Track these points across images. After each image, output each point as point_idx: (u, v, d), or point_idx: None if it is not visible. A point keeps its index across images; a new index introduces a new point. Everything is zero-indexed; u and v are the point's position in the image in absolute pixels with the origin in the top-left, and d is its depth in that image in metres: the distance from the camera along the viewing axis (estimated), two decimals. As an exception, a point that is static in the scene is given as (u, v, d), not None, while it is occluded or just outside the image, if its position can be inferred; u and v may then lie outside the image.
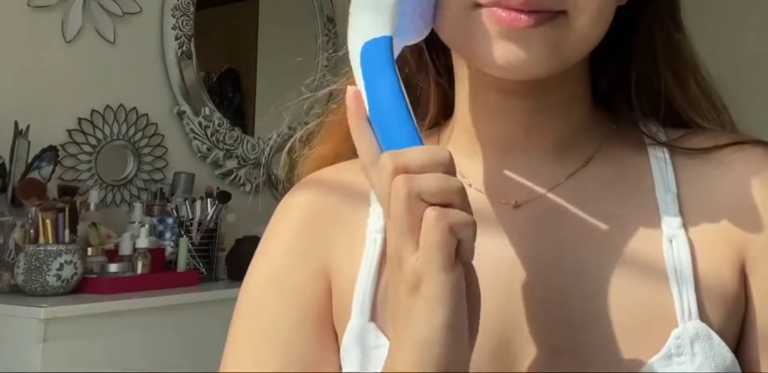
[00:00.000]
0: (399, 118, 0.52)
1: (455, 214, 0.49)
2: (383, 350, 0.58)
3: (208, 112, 2.70)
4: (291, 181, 0.74)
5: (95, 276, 2.04)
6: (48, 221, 1.96)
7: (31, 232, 1.96)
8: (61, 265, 1.93)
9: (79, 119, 2.35)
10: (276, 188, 2.74)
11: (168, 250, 2.29)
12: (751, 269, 0.60)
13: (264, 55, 3.13)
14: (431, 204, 0.49)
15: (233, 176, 2.76)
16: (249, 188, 2.79)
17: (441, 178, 0.49)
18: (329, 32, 3.07)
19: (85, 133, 2.35)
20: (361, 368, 0.61)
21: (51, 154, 2.15)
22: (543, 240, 0.62)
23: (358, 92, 0.54)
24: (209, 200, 2.40)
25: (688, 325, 0.57)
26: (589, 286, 0.60)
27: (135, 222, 2.27)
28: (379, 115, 0.52)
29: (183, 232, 2.33)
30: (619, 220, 0.62)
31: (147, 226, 2.21)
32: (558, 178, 0.64)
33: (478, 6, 0.57)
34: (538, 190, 0.64)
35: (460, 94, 0.67)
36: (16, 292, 1.97)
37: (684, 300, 0.58)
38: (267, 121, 2.92)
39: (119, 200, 2.42)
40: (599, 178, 0.64)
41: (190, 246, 2.31)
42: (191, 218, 2.35)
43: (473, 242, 0.50)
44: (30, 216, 1.98)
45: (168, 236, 2.33)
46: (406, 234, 0.49)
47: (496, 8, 0.56)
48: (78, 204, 2.06)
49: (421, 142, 0.51)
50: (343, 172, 0.70)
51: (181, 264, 2.26)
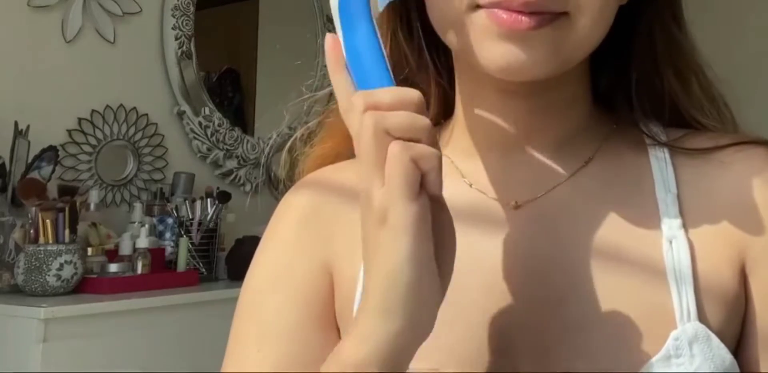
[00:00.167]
0: (372, 60, 0.54)
1: (419, 147, 0.50)
2: None
3: (208, 112, 2.70)
4: (291, 180, 0.74)
5: (95, 276, 2.04)
6: (48, 221, 1.96)
7: (31, 232, 1.96)
8: (61, 265, 1.93)
9: (79, 119, 2.35)
10: (276, 187, 2.74)
11: (168, 250, 2.29)
12: (752, 269, 0.60)
13: (264, 55, 3.13)
14: (397, 139, 0.50)
15: (233, 176, 2.76)
16: (249, 187, 2.79)
17: (408, 115, 0.50)
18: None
19: (85, 133, 2.35)
20: None
21: (51, 154, 2.15)
22: (543, 240, 0.62)
23: (336, 39, 0.56)
24: (209, 200, 2.40)
25: (687, 326, 0.57)
26: (589, 286, 0.59)
27: (135, 222, 2.27)
28: (354, 59, 0.54)
29: (183, 232, 2.33)
30: (619, 220, 0.62)
31: (147, 226, 2.21)
32: (558, 179, 0.64)
33: (478, 7, 0.57)
34: (538, 190, 0.64)
35: (460, 94, 0.67)
36: (16, 292, 1.97)
37: (683, 301, 0.58)
38: (267, 121, 2.92)
39: (119, 200, 2.42)
40: (599, 179, 0.64)
41: (190, 246, 2.31)
42: (191, 218, 2.35)
43: (439, 174, 0.51)
44: (30, 216, 1.98)
45: (168, 236, 2.33)
46: (373, 169, 0.50)
47: (496, 9, 0.56)
48: (78, 204, 2.06)
49: (393, 82, 0.53)
50: (344, 171, 0.70)
51: (181, 264, 2.26)
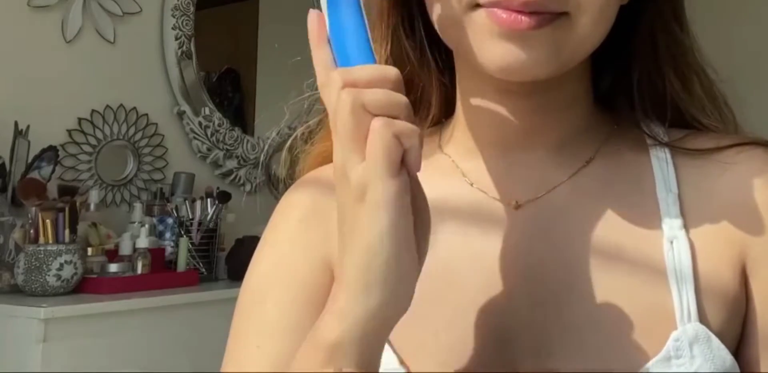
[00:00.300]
0: (355, 38, 0.53)
1: (401, 123, 0.50)
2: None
3: (208, 112, 2.70)
4: (292, 179, 0.74)
5: (95, 276, 2.04)
6: (48, 221, 1.96)
7: (31, 232, 1.96)
8: (61, 265, 1.93)
9: (79, 119, 2.35)
10: (276, 187, 2.74)
11: (168, 250, 2.29)
12: (752, 270, 0.60)
13: (264, 55, 3.13)
14: (376, 116, 0.49)
15: (233, 176, 2.76)
16: (249, 187, 2.79)
17: (386, 92, 0.50)
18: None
19: (85, 133, 2.35)
20: None
21: (51, 154, 2.15)
22: (543, 240, 0.62)
23: (321, 15, 0.55)
24: (209, 200, 2.40)
25: (687, 327, 0.57)
26: (589, 286, 0.59)
27: (135, 222, 2.27)
28: (337, 35, 0.54)
29: (183, 232, 2.33)
30: (620, 220, 0.62)
31: (147, 226, 2.21)
32: (559, 179, 0.64)
33: (477, 6, 0.57)
34: (539, 190, 0.63)
35: (461, 93, 0.67)
36: (16, 292, 1.97)
37: (684, 302, 0.58)
38: (267, 121, 2.92)
39: (119, 200, 2.42)
40: (600, 179, 0.64)
41: (190, 246, 2.31)
42: (191, 218, 2.35)
43: (419, 151, 0.50)
44: (30, 216, 1.98)
45: (168, 236, 2.33)
46: (351, 145, 0.50)
47: (496, 9, 0.56)
48: (78, 204, 2.06)
49: (375, 60, 0.52)
50: None
51: (181, 264, 2.26)
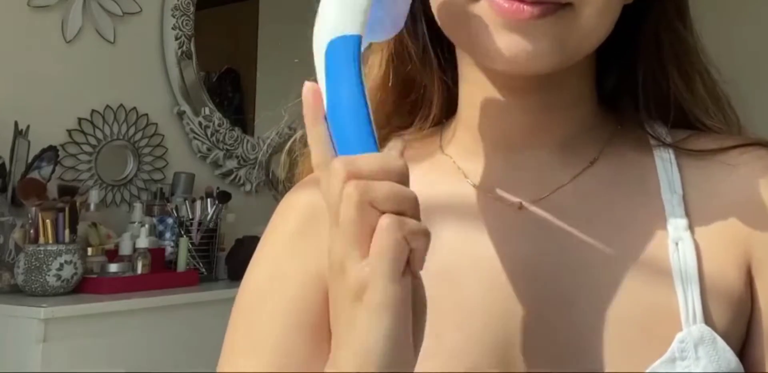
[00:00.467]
0: (356, 121, 0.50)
1: (411, 223, 0.47)
2: None
3: (208, 112, 2.70)
4: (291, 181, 0.73)
5: (95, 276, 2.04)
6: (48, 221, 1.96)
7: (31, 232, 1.96)
8: (61, 265, 1.93)
9: (79, 119, 2.35)
10: (276, 188, 2.74)
11: (168, 250, 2.29)
12: (757, 270, 0.60)
13: (264, 55, 3.13)
14: (383, 211, 0.47)
15: (233, 176, 2.76)
16: (249, 187, 2.79)
17: (394, 186, 0.48)
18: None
19: (85, 133, 2.35)
20: None
21: (51, 154, 2.14)
22: (547, 241, 0.61)
23: (317, 88, 0.53)
24: (209, 200, 2.40)
25: (692, 329, 0.57)
26: (593, 288, 0.59)
27: (135, 222, 2.27)
28: (337, 117, 0.51)
29: (183, 232, 2.33)
30: (624, 222, 0.61)
31: (147, 226, 2.21)
32: (563, 180, 0.63)
33: None
34: (542, 191, 0.63)
35: (464, 92, 0.66)
36: (16, 292, 1.97)
37: (689, 303, 0.58)
38: (267, 121, 2.91)
39: (119, 200, 2.42)
40: (604, 180, 0.63)
41: (190, 246, 2.31)
42: (191, 218, 2.35)
43: (425, 252, 0.48)
44: (30, 216, 1.98)
45: (168, 236, 2.33)
46: (353, 241, 0.47)
47: None
48: (78, 204, 2.06)
49: (377, 148, 0.50)
50: None
51: (181, 264, 2.26)
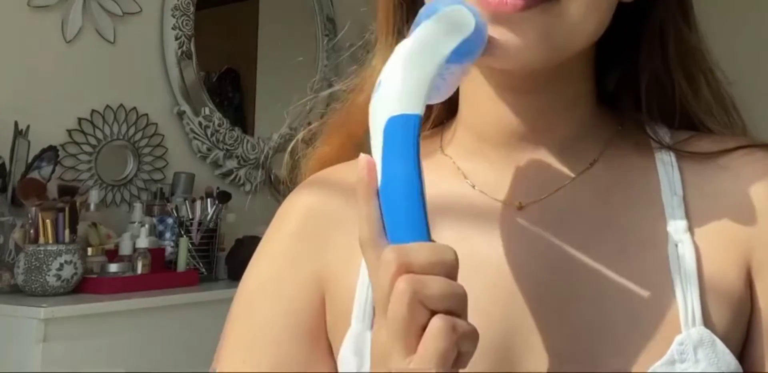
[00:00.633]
0: (410, 206, 0.49)
1: (464, 326, 0.47)
2: None
3: (208, 112, 2.69)
4: (293, 182, 0.73)
5: (95, 276, 2.04)
6: (48, 221, 1.95)
7: (31, 232, 1.96)
8: (61, 265, 1.93)
9: (79, 119, 2.34)
10: (276, 188, 2.74)
11: (168, 250, 2.29)
12: (757, 272, 0.60)
13: (264, 55, 3.13)
14: (434, 310, 0.47)
15: (233, 176, 2.76)
16: (249, 187, 2.79)
17: (446, 283, 0.47)
18: (329, 32, 3.07)
19: (85, 133, 2.35)
20: None
21: (51, 154, 2.14)
22: (546, 242, 0.61)
23: (372, 163, 0.51)
24: (209, 200, 2.40)
25: (692, 331, 0.57)
26: (593, 289, 0.59)
27: (135, 222, 2.27)
28: (391, 198, 0.50)
29: (183, 232, 2.33)
30: (624, 223, 0.61)
31: (147, 226, 2.21)
32: (563, 180, 0.63)
33: None
34: (542, 191, 0.63)
35: (463, 92, 0.66)
36: (16, 292, 1.97)
37: (688, 305, 0.58)
38: (267, 121, 2.92)
39: (119, 200, 2.42)
40: (604, 181, 0.63)
41: (190, 246, 2.31)
42: (191, 218, 2.35)
43: (472, 355, 0.48)
44: (30, 216, 1.98)
45: (168, 236, 2.33)
46: (400, 336, 0.47)
47: None
48: (78, 204, 2.06)
49: (429, 235, 0.49)
50: (347, 172, 0.69)
51: (181, 264, 2.26)
